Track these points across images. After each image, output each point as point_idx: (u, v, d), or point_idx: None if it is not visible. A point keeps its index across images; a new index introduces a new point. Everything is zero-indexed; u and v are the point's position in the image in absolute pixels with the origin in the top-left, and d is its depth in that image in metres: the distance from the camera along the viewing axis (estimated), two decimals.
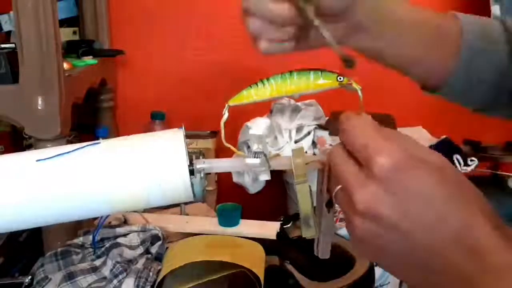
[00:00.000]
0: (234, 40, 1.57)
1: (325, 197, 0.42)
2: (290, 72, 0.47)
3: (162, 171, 0.40)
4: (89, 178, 0.40)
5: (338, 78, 0.45)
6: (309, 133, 1.29)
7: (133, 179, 0.40)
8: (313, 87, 0.47)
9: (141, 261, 0.93)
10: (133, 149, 0.41)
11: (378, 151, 0.36)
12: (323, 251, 0.45)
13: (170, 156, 0.40)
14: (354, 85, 0.47)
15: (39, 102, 0.97)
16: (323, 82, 0.46)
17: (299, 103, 1.32)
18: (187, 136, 0.44)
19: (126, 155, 0.40)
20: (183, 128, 0.42)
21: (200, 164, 0.43)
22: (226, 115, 0.47)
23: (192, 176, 0.41)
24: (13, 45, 0.99)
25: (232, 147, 0.46)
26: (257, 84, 0.49)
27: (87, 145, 0.39)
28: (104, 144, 0.40)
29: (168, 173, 0.40)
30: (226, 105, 0.46)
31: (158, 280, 0.87)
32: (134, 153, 0.40)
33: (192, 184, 0.41)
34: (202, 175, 0.43)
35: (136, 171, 0.40)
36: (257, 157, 0.44)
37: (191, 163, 0.42)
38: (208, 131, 1.48)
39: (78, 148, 0.39)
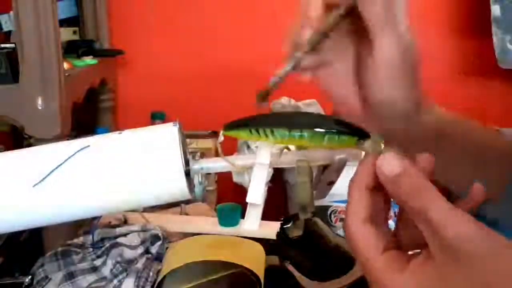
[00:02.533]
0: (235, 40, 1.57)
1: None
2: (300, 130, 0.40)
3: (155, 173, 0.40)
4: (80, 183, 0.39)
5: (358, 142, 0.39)
6: None
7: (125, 182, 0.39)
8: (326, 147, 0.41)
9: (141, 261, 0.93)
10: (123, 150, 0.40)
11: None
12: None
13: (164, 158, 0.39)
14: (374, 144, 0.40)
15: (39, 102, 0.98)
16: (338, 145, 0.41)
17: (299, 103, 1.32)
18: (187, 136, 0.43)
19: (116, 158, 0.39)
20: (178, 125, 0.41)
21: (196, 165, 0.42)
22: (221, 138, 0.44)
23: (188, 177, 0.40)
24: (13, 45, 0.99)
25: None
26: (258, 132, 0.41)
27: (77, 152, 0.39)
28: (94, 147, 0.39)
29: (162, 175, 0.40)
30: (222, 131, 0.43)
31: (158, 280, 0.87)
32: (125, 155, 0.40)
33: (188, 185, 0.40)
34: (200, 177, 0.42)
35: (128, 173, 0.39)
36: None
37: (187, 163, 0.41)
38: (208, 131, 1.48)
39: (69, 157, 0.39)
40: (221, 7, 1.56)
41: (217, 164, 0.43)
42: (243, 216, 1.05)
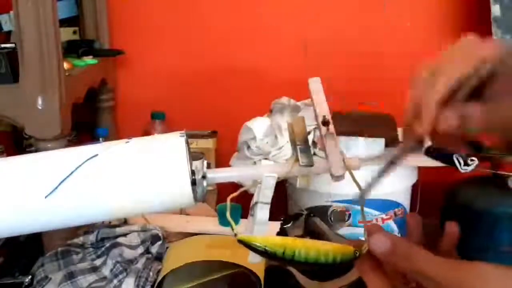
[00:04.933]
0: (235, 40, 1.57)
1: None
2: (307, 251, 0.43)
3: (163, 183, 0.40)
4: (88, 191, 0.39)
5: (355, 253, 0.43)
6: (309, 133, 1.29)
7: (132, 190, 0.40)
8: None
9: (141, 260, 0.93)
10: (131, 161, 0.40)
11: None
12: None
13: (171, 169, 0.40)
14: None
15: (39, 101, 0.98)
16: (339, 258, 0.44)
17: (299, 103, 1.32)
18: (187, 136, 0.44)
19: (124, 168, 0.40)
20: (186, 136, 0.41)
21: (203, 175, 0.43)
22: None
23: (194, 186, 0.41)
24: (13, 45, 0.99)
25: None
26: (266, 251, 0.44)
27: (85, 161, 0.39)
28: (102, 156, 0.40)
29: (169, 185, 0.40)
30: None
31: (158, 280, 0.87)
32: (133, 165, 0.40)
33: (193, 193, 0.41)
34: (205, 184, 0.43)
35: (135, 183, 0.40)
36: None
37: (193, 172, 0.41)
38: (208, 131, 1.48)
39: (78, 167, 0.39)
40: (221, 7, 1.55)
41: (223, 174, 0.44)
42: (243, 216, 1.05)
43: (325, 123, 0.45)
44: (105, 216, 0.41)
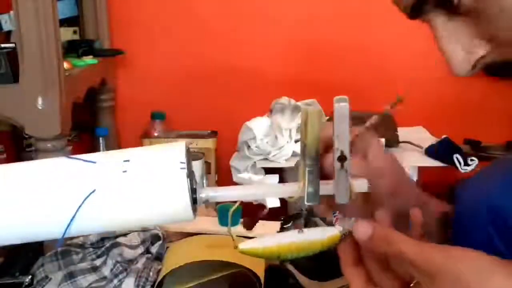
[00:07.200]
0: (235, 40, 1.57)
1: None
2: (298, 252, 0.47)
3: (163, 210, 0.41)
4: (93, 219, 0.40)
5: (342, 236, 0.45)
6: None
7: (133, 217, 0.41)
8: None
9: (141, 260, 0.93)
10: (130, 192, 0.40)
11: None
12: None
13: (172, 200, 0.40)
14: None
15: (39, 101, 0.98)
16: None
17: (299, 103, 1.32)
18: (187, 136, 0.43)
19: (123, 201, 0.40)
20: (186, 169, 0.41)
21: (204, 193, 0.42)
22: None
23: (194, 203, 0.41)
24: (13, 45, 1.00)
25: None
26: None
27: (85, 198, 0.40)
28: (99, 193, 0.41)
29: (169, 210, 0.41)
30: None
31: (158, 279, 0.87)
32: (132, 197, 0.40)
33: (194, 211, 0.41)
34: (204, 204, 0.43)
35: (136, 211, 0.40)
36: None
37: (194, 191, 0.41)
38: (208, 131, 1.48)
39: (79, 207, 0.40)
40: (221, 7, 1.55)
41: (224, 193, 0.43)
42: (243, 216, 1.05)
43: (341, 159, 0.42)
44: (100, 229, 0.43)
